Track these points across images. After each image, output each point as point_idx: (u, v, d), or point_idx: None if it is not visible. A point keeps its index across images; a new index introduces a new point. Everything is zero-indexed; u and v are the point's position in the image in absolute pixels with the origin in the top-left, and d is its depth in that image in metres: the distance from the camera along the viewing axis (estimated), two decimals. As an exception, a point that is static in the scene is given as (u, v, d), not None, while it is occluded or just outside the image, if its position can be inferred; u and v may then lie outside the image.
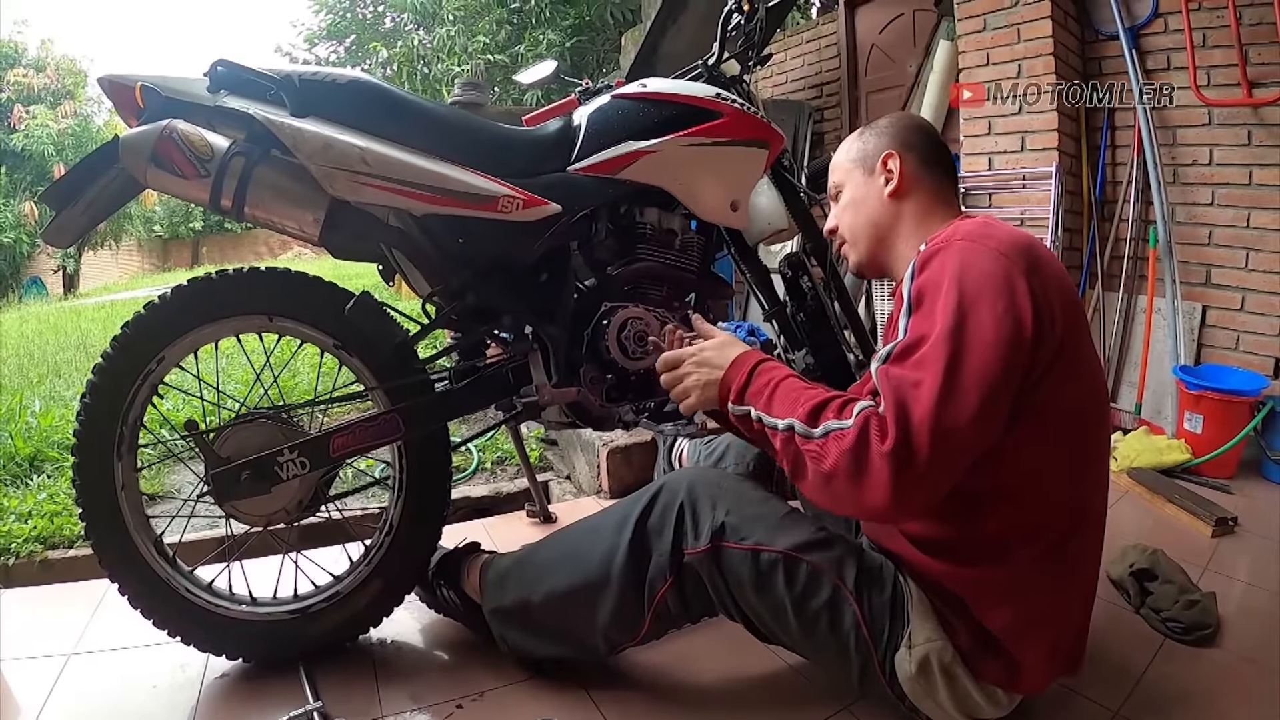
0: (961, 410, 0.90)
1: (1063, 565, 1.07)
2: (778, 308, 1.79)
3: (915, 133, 1.21)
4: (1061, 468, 1.04)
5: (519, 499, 2.34)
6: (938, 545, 1.09)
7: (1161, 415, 2.75)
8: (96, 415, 1.29)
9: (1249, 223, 2.61)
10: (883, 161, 1.19)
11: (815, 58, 4.65)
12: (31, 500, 2.25)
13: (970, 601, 1.07)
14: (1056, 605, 1.09)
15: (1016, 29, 2.98)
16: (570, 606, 1.28)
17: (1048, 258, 1.02)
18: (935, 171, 1.19)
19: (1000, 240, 0.99)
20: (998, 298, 0.93)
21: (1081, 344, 1.03)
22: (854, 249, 1.25)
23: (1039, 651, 1.07)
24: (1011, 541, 1.04)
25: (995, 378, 0.91)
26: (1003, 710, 1.12)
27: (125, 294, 10.83)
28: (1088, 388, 1.05)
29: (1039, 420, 0.98)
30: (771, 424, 1.02)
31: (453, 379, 1.50)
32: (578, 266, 1.53)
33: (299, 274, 1.39)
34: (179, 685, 1.36)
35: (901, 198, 1.18)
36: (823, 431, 0.96)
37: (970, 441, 0.92)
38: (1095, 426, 1.09)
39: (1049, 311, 0.95)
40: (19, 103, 14.00)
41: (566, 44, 8.07)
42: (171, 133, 1.19)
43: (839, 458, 0.93)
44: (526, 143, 1.48)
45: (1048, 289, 0.96)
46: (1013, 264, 0.96)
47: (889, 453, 0.89)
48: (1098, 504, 1.13)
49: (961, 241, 1.00)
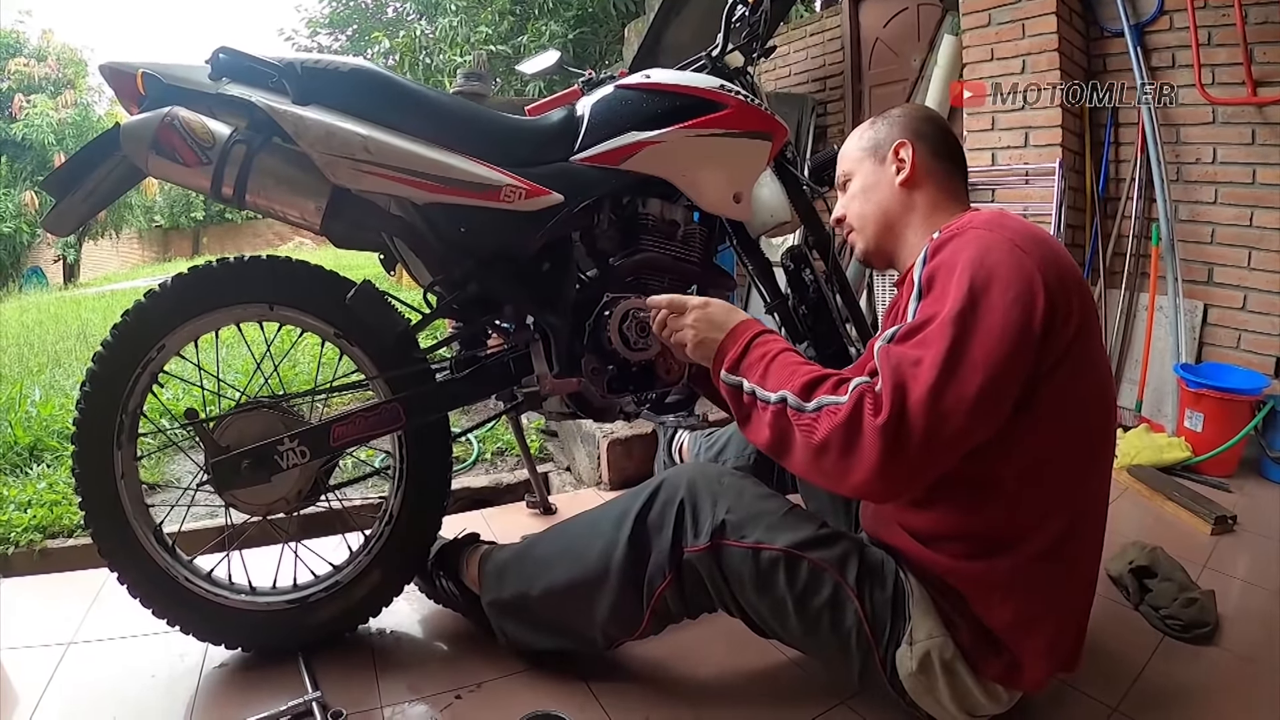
0: (960, 395, 0.90)
1: (1064, 562, 1.07)
2: (780, 300, 1.79)
3: (927, 124, 1.21)
4: (1065, 465, 1.03)
5: (519, 490, 2.34)
6: (938, 538, 1.08)
7: (1162, 413, 2.75)
8: (96, 404, 1.29)
9: (1251, 221, 2.60)
10: (895, 151, 1.19)
11: (819, 51, 4.63)
12: (31, 489, 2.25)
13: (971, 597, 1.06)
14: (1057, 603, 1.08)
15: (1021, 24, 2.97)
16: (569, 602, 1.28)
17: (1062, 252, 1.02)
18: (946, 163, 1.20)
19: (1016, 231, 0.99)
20: (1009, 286, 0.93)
21: (1092, 341, 1.02)
22: (861, 236, 1.25)
23: (1039, 648, 1.07)
24: (1013, 537, 1.04)
25: (998, 366, 0.91)
26: (1002, 707, 1.12)
27: (125, 284, 10.80)
28: (1095, 385, 1.05)
29: (1045, 415, 0.98)
30: (764, 397, 1.02)
31: (454, 369, 1.50)
32: (580, 257, 1.53)
33: (300, 262, 1.38)
34: (178, 674, 1.36)
35: (913, 187, 1.18)
36: (816, 406, 0.96)
37: (965, 428, 0.91)
38: (1101, 425, 1.08)
39: (1065, 307, 0.95)
40: (20, 92, 13.93)
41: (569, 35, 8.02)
42: (173, 120, 1.18)
43: (831, 431, 0.93)
44: (529, 132, 1.47)
45: (1065, 284, 0.96)
46: (1029, 256, 0.96)
47: (881, 427, 0.89)
48: (1100, 502, 1.13)
49: (977, 230, 1.00)
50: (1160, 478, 2.25)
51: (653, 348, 1.45)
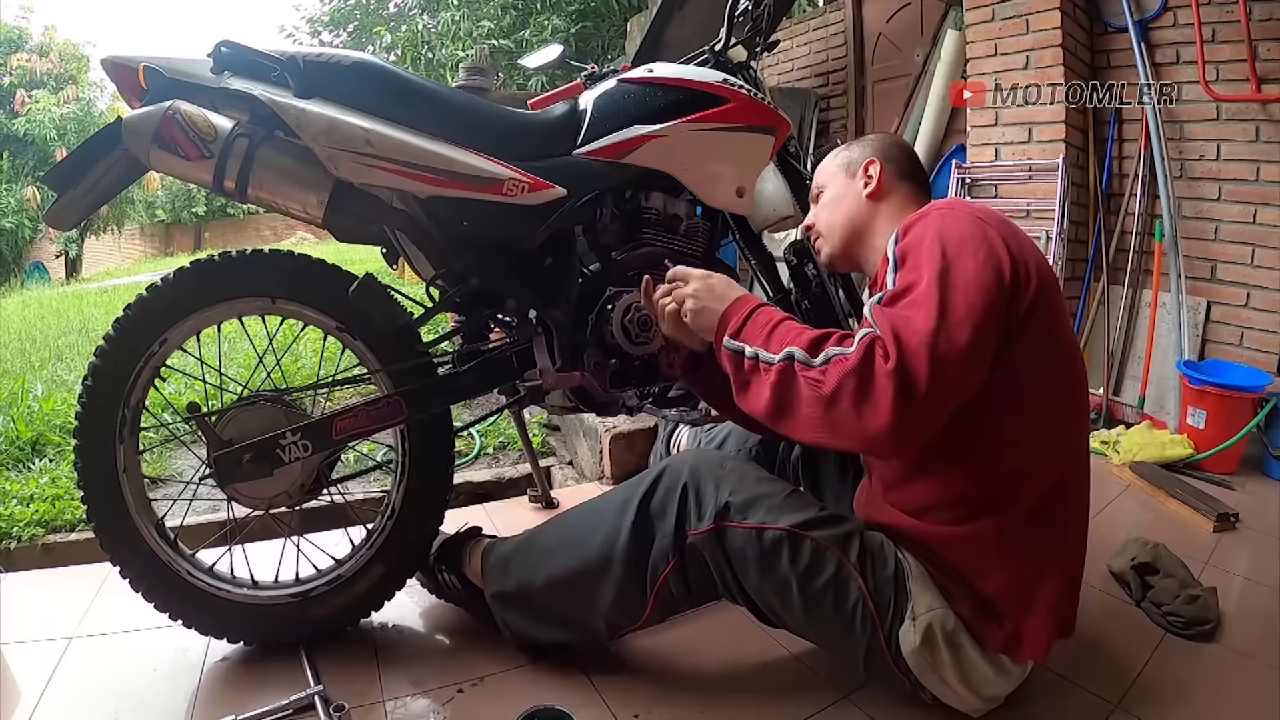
0: (954, 343, 0.94)
1: (1050, 525, 1.10)
2: (782, 295, 1.79)
3: (896, 149, 1.32)
4: (1042, 422, 1.08)
5: (521, 484, 2.34)
6: (928, 509, 1.12)
7: (1164, 410, 2.74)
8: (99, 398, 1.29)
9: (1255, 219, 2.60)
10: (864, 168, 1.29)
11: (822, 46, 4.62)
12: (33, 484, 2.25)
13: (965, 566, 1.10)
14: (1049, 564, 1.11)
15: (1025, 19, 2.96)
16: (572, 590, 1.29)
17: (1016, 227, 1.10)
18: (909, 183, 1.28)
19: (974, 208, 1.09)
20: (978, 249, 1.00)
21: (1055, 310, 1.07)
22: (828, 242, 1.33)
23: (1038, 612, 1.09)
24: (999, 497, 1.08)
25: (981, 316, 0.96)
26: (1011, 683, 1.14)
27: (127, 279, 10.82)
28: (1061, 349, 1.10)
29: (1017, 373, 1.03)
30: (767, 359, 1.04)
31: (456, 363, 1.50)
32: (582, 251, 1.53)
33: (302, 256, 1.38)
34: (180, 668, 1.36)
35: (878, 200, 1.27)
36: (824, 358, 0.99)
37: (960, 377, 0.96)
38: (1071, 383, 1.13)
39: (1024, 265, 1.02)
40: (22, 87, 13.94)
41: (572, 29, 8.01)
42: (175, 114, 1.18)
43: (842, 379, 0.96)
44: (532, 126, 1.47)
45: (1023, 251, 1.04)
46: (988, 224, 1.04)
47: (893, 371, 0.93)
48: (1081, 460, 1.17)
49: (939, 210, 1.09)
50: (1162, 475, 2.24)
51: (655, 342, 1.45)
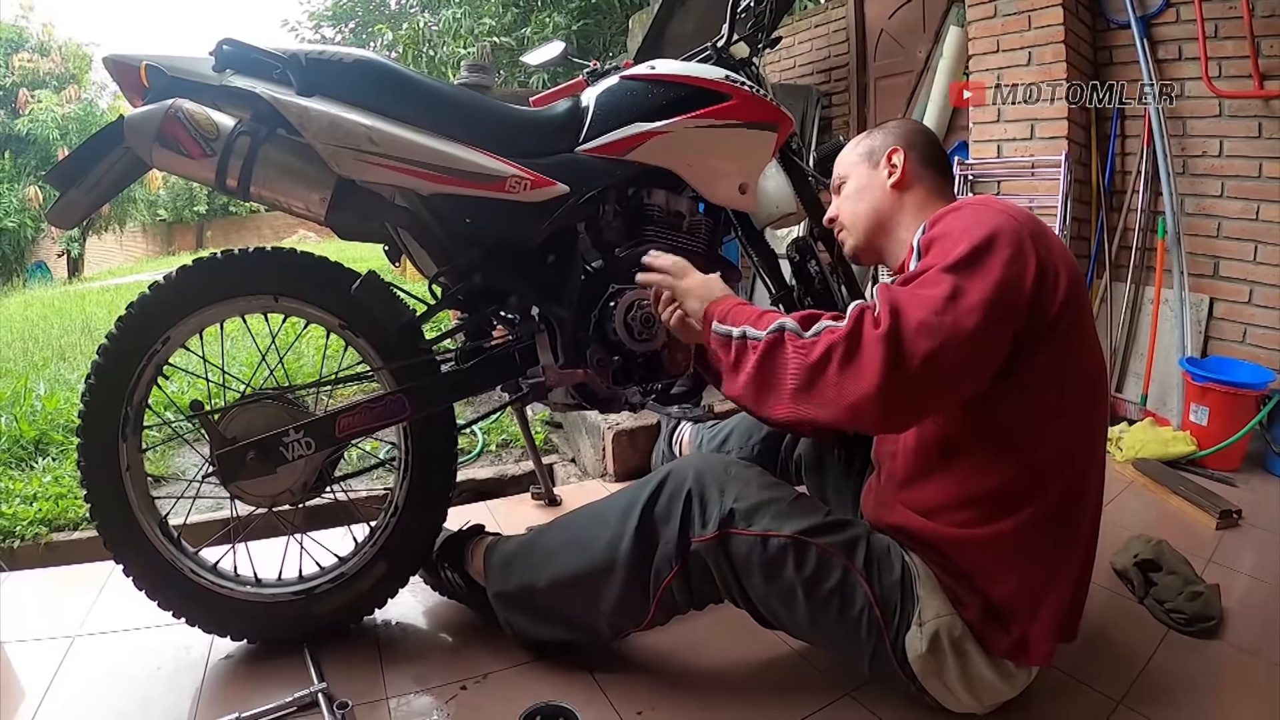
0: (961, 325, 0.93)
1: (1062, 529, 1.09)
2: (785, 291, 1.78)
3: (918, 135, 1.30)
4: (1061, 429, 1.07)
5: (524, 481, 2.34)
6: (942, 509, 1.11)
7: (1167, 407, 2.73)
8: (101, 397, 1.29)
9: (1258, 215, 2.58)
10: (887, 157, 1.27)
11: (824, 43, 4.60)
12: (36, 483, 2.25)
13: (975, 571, 1.09)
14: (1058, 569, 1.10)
15: (1027, 15, 2.94)
16: (574, 593, 1.29)
17: (1049, 230, 1.07)
18: (934, 170, 1.27)
19: (1008, 206, 1.06)
20: (1005, 247, 0.98)
21: (1083, 315, 1.07)
22: (852, 234, 1.32)
23: (1044, 618, 1.08)
24: (1018, 499, 1.07)
25: (995, 309, 0.95)
26: (1015, 689, 1.14)
27: (129, 278, 10.84)
28: (1085, 357, 1.08)
29: (1044, 374, 1.02)
30: (755, 335, 1.05)
31: (459, 360, 1.50)
32: (585, 248, 1.53)
33: (304, 254, 1.38)
34: (184, 666, 1.36)
35: (903, 189, 1.26)
36: (815, 330, 1.01)
37: (962, 360, 0.95)
38: (1094, 386, 1.12)
39: (1053, 275, 1.00)
40: (24, 87, 13.95)
41: (573, 27, 8.00)
42: (177, 112, 1.17)
43: (830, 344, 0.97)
44: (534, 123, 1.46)
45: (1053, 255, 1.02)
46: (1022, 226, 1.01)
47: (883, 336, 0.93)
48: (1094, 473, 1.15)
49: (972, 205, 1.07)
50: (1165, 471, 2.24)
51: (658, 338, 1.45)
